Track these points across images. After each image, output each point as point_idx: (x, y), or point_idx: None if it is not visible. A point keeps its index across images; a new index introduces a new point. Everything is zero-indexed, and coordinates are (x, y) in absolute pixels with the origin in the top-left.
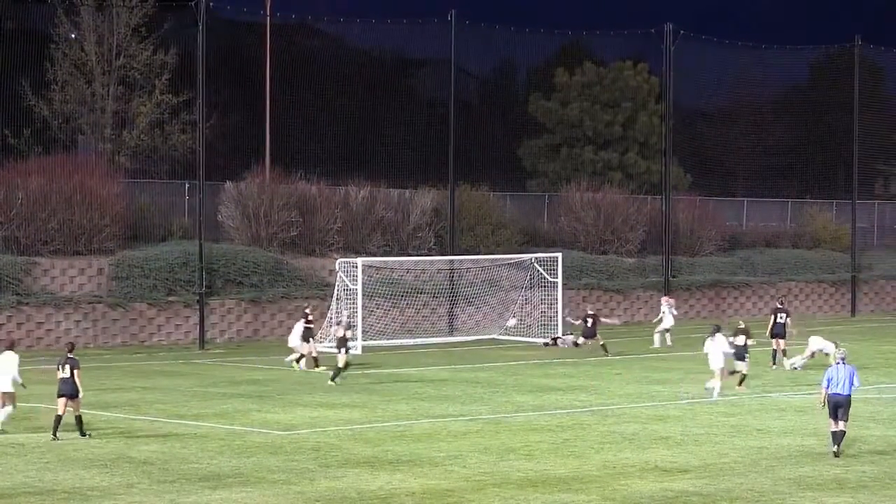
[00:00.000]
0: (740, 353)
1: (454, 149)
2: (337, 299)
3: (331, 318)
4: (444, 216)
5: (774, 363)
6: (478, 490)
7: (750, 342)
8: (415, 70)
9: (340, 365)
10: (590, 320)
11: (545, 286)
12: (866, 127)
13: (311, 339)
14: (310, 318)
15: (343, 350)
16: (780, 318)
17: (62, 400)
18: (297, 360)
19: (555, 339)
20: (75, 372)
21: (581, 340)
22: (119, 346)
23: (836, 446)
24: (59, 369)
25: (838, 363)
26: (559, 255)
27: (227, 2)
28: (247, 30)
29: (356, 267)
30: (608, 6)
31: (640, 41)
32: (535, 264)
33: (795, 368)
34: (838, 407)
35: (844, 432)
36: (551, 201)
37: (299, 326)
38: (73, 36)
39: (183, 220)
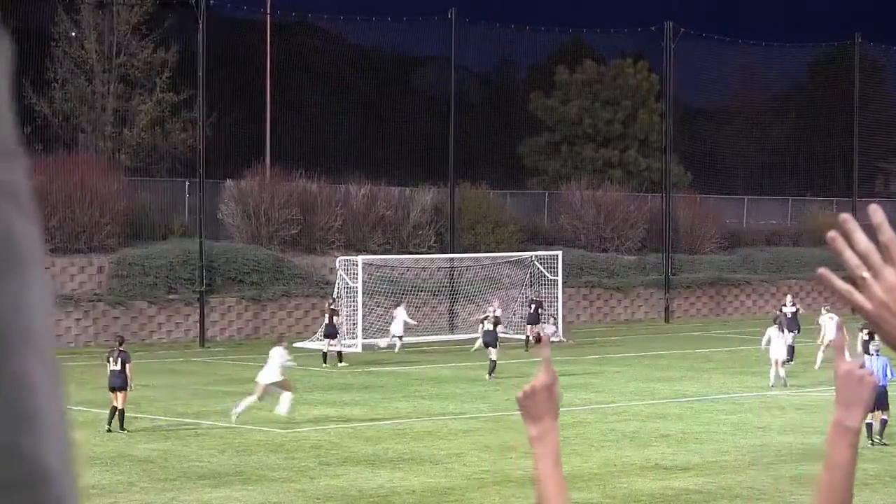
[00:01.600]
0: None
1: (454, 147)
2: (337, 297)
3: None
4: (445, 214)
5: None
6: (478, 488)
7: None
8: (415, 68)
9: (494, 358)
10: (533, 306)
11: (545, 284)
12: (866, 125)
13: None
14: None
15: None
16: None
17: (114, 393)
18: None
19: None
20: (127, 365)
21: (529, 328)
22: None
23: (870, 439)
24: (108, 362)
25: (872, 354)
26: (559, 252)
27: (228, 0)
28: (247, 28)
29: (356, 265)
30: (609, 4)
31: (641, 39)
32: (536, 262)
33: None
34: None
35: (886, 420)
36: (551, 199)
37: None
38: (73, 34)
39: (183, 218)
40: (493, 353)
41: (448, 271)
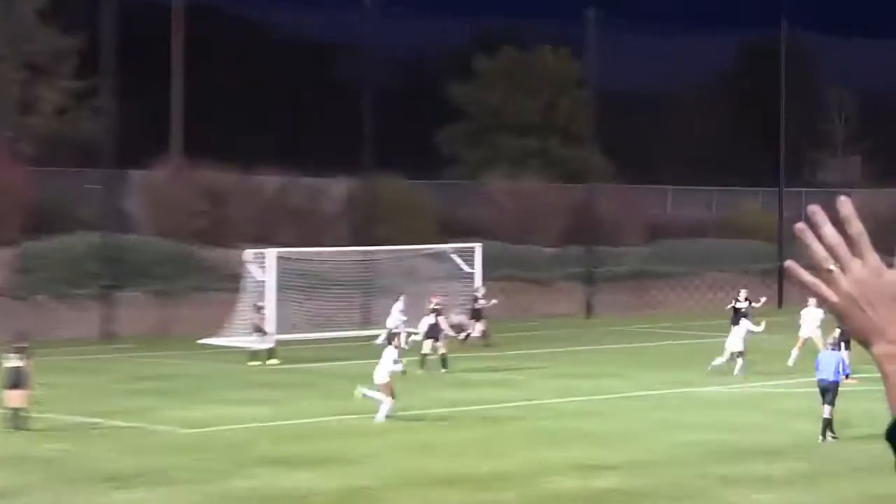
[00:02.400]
0: None
1: (370, 136)
2: (245, 291)
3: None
4: (360, 205)
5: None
6: (394, 489)
7: None
8: (331, 55)
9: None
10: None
11: (462, 277)
12: (794, 114)
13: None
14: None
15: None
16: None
17: (12, 390)
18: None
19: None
20: (27, 362)
21: (472, 323)
22: None
23: (823, 434)
24: (7, 359)
25: (828, 349)
26: (478, 245)
27: None
28: (157, 14)
29: (268, 258)
30: None
31: (563, 26)
32: (453, 255)
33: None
34: (824, 392)
35: (829, 419)
36: (470, 189)
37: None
38: None
39: (89, 210)
40: (441, 347)
41: (363, 264)
